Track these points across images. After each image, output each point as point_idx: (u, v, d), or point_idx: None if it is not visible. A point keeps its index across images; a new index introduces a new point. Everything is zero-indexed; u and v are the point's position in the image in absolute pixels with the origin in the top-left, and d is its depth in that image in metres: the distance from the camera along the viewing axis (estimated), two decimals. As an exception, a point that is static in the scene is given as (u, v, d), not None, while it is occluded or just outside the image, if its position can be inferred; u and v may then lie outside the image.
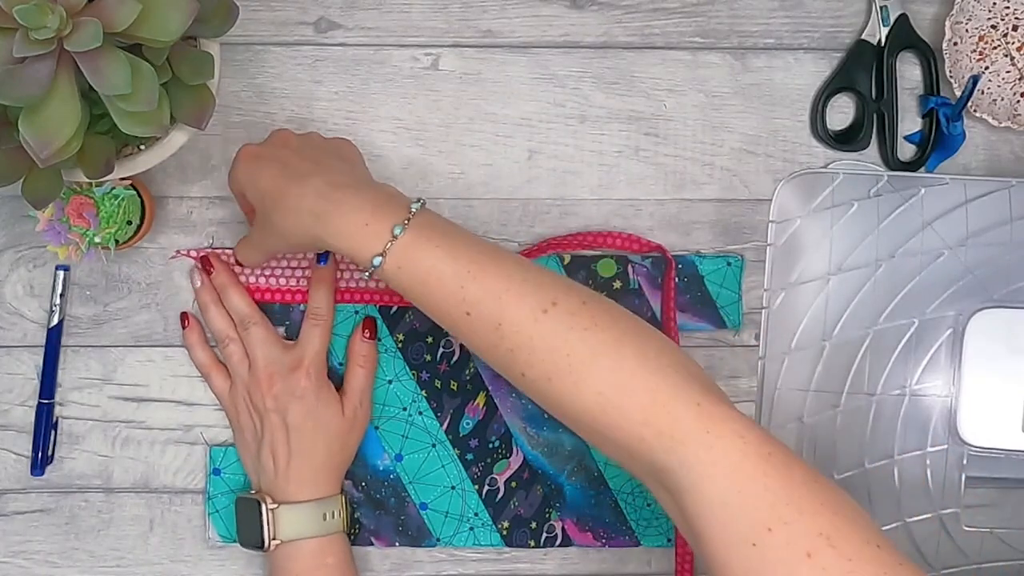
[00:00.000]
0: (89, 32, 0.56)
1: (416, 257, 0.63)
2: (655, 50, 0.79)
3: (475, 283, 0.62)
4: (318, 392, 0.73)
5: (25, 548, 0.78)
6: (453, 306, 0.63)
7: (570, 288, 0.63)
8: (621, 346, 0.60)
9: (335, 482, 0.74)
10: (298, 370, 0.73)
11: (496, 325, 0.62)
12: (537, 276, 0.63)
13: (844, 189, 0.78)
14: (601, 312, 0.62)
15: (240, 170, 0.69)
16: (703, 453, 0.57)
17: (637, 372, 0.60)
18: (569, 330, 0.61)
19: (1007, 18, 0.79)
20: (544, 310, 0.61)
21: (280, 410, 0.72)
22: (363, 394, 0.75)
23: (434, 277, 0.63)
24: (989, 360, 0.77)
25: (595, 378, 0.60)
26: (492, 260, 0.63)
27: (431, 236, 0.63)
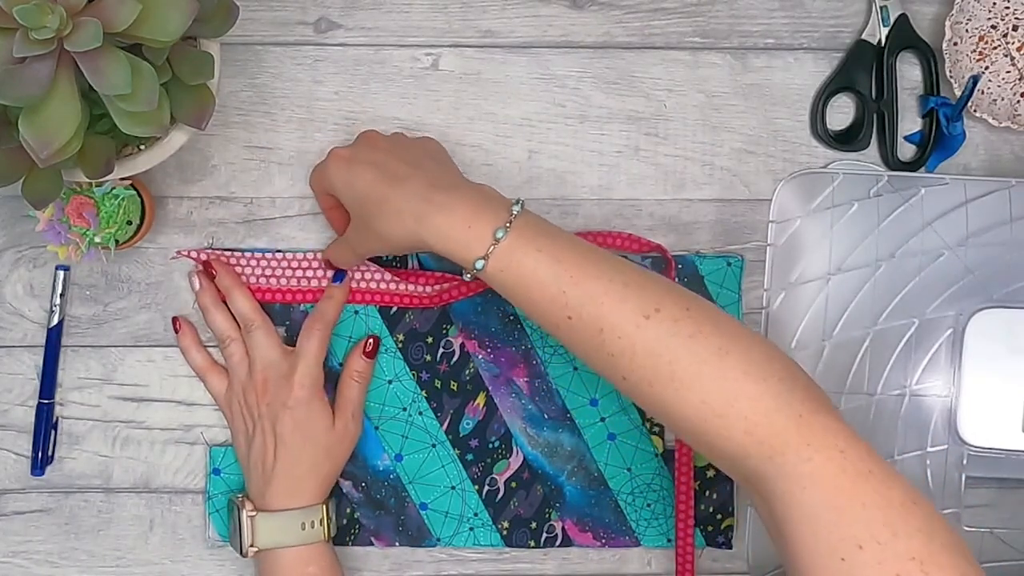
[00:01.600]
0: (89, 32, 0.56)
1: (518, 260, 0.63)
2: (655, 50, 0.79)
3: (576, 287, 0.62)
4: (309, 403, 0.73)
5: (25, 548, 0.78)
6: (554, 310, 0.63)
7: (673, 292, 0.62)
8: (725, 354, 0.60)
9: (319, 492, 0.74)
10: (292, 379, 0.73)
11: (598, 330, 0.61)
12: (640, 280, 0.62)
13: (844, 189, 0.78)
14: (705, 318, 0.61)
15: (332, 175, 0.69)
16: (801, 465, 0.57)
17: (741, 381, 0.59)
18: (672, 336, 0.60)
19: (1007, 18, 0.79)
20: (646, 316, 0.61)
21: (271, 418, 0.72)
22: (355, 408, 0.75)
23: (535, 281, 0.62)
24: (989, 360, 0.77)
25: (698, 386, 0.59)
26: (594, 263, 0.63)
27: (533, 238, 0.63)
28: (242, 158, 0.77)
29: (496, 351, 0.78)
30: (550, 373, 0.78)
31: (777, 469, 0.57)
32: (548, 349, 0.78)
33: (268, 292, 0.76)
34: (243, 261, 0.76)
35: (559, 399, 0.78)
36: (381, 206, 0.65)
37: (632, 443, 0.78)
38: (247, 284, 0.76)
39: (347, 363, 0.76)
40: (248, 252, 0.77)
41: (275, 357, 0.73)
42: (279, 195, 0.78)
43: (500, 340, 0.78)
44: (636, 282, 0.62)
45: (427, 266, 0.77)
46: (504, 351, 0.78)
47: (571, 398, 0.78)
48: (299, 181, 0.77)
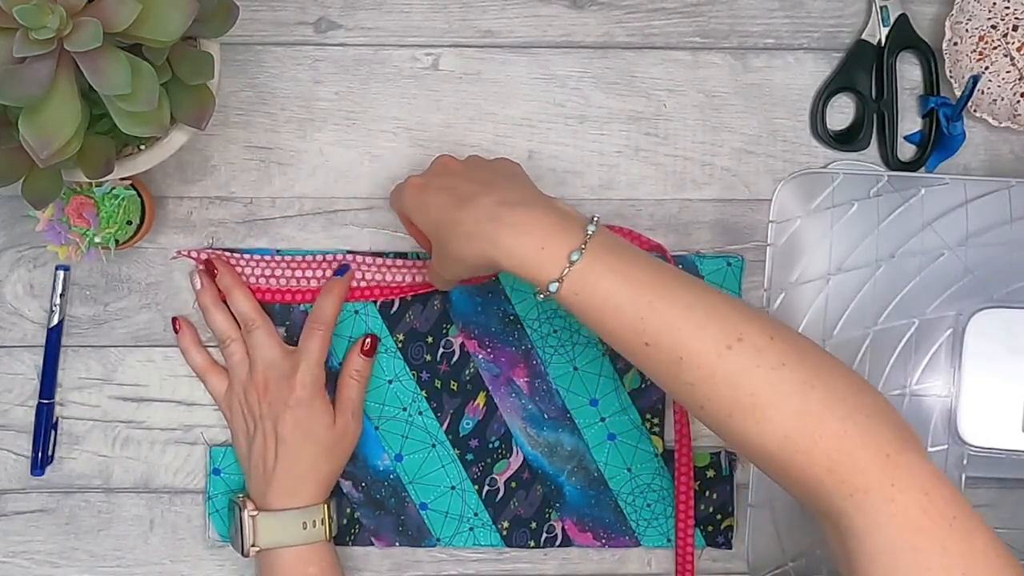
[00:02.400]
0: (89, 32, 0.56)
1: (593, 284, 0.60)
2: (655, 50, 0.79)
3: (655, 314, 0.59)
4: (311, 403, 0.73)
5: (25, 548, 0.78)
6: (631, 336, 0.60)
7: (756, 321, 0.60)
8: (810, 388, 0.57)
9: (320, 492, 0.74)
10: (293, 378, 0.73)
11: (677, 359, 0.59)
12: (722, 306, 0.60)
13: (844, 189, 0.78)
14: (790, 348, 0.59)
15: (409, 203, 0.68)
16: (883, 505, 0.55)
17: (825, 417, 0.57)
18: (755, 368, 0.58)
19: (1007, 18, 0.79)
20: (728, 346, 0.58)
21: (272, 417, 0.72)
22: (355, 407, 0.75)
23: (611, 306, 0.60)
24: (989, 360, 0.77)
25: (780, 420, 0.57)
26: (673, 288, 0.60)
27: (609, 261, 0.60)
28: (242, 158, 0.77)
29: (496, 351, 0.78)
30: (550, 373, 0.78)
31: (856, 506, 0.56)
32: (548, 349, 0.78)
33: (268, 292, 0.76)
34: (243, 262, 0.76)
35: (559, 399, 0.78)
36: (454, 229, 0.64)
37: (632, 443, 0.78)
38: (247, 284, 0.76)
39: (345, 362, 0.76)
40: (248, 253, 0.77)
41: (276, 357, 0.73)
42: (279, 195, 0.78)
43: (500, 340, 0.78)
44: (718, 309, 0.60)
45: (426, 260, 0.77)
46: (504, 351, 0.78)
47: (571, 398, 0.78)
48: (299, 181, 0.78)
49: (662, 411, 0.78)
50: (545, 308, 0.77)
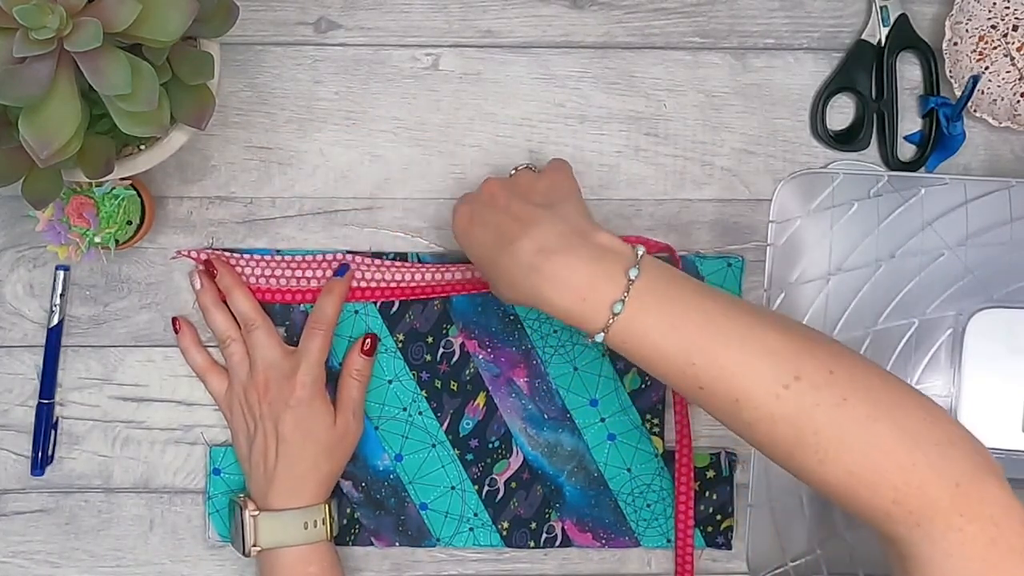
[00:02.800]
0: (89, 32, 0.56)
1: (640, 334, 0.59)
2: (655, 50, 0.79)
3: (705, 358, 0.58)
4: (311, 402, 0.73)
5: (25, 548, 0.78)
6: (684, 380, 0.59)
7: (815, 352, 0.58)
8: (875, 422, 0.56)
9: (321, 492, 0.74)
10: (294, 378, 0.73)
11: (733, 401, 0.58)
12: (777, 341, 0.58)
13: (844, 189, 0.78)
14: (851, 381, 0.57)
15: (456, 233, 0.67)
16: (951, 534, 0.54)
17: (892, 451, 0.56)
18: (815, 407, 0.56)
19: (1007, 18, 0.79)
20: (786, 385, 0.57)
21: (273, 417, 0.72)
22: (356, 406, 0.75)
23: (659, 354, 0.59)
24: (989, 360, 0.77)
25: (845, 457, 0.56)
26: (724, 329, 0.58)
27: (653, 308, 0.59)
28: (242, 158, 0.77)
29: (496, 351, 0.78)
30: (550, 373, 0.78)
31: (923, 535, 0.55)
32: (548, 349, 0.78)
33: (268, 292, 0.76)
34: (243, 262, 0.76)
35: (559, 399, 0.78)
36: (497, 273, 0.63)
37: (632, 443, 0.78)
38: (247, 284, 0.76)
39: (346, 362, 0.76)
40: (248, 253, 0.77)
41: (276, 357, 0.73)
42: (279, 195, 0.78)
43: (500, 340, 0.78)
44: (772, 346, 0.58)
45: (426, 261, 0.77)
46: (504, 351, 0.78)
47: (571, 398, 0.78)
48: (299, 181, 0.78)
49: (662, 412, 0.78)
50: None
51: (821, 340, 0.60)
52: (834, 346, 0.59)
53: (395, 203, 0.78)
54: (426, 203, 0.78)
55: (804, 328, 0.61)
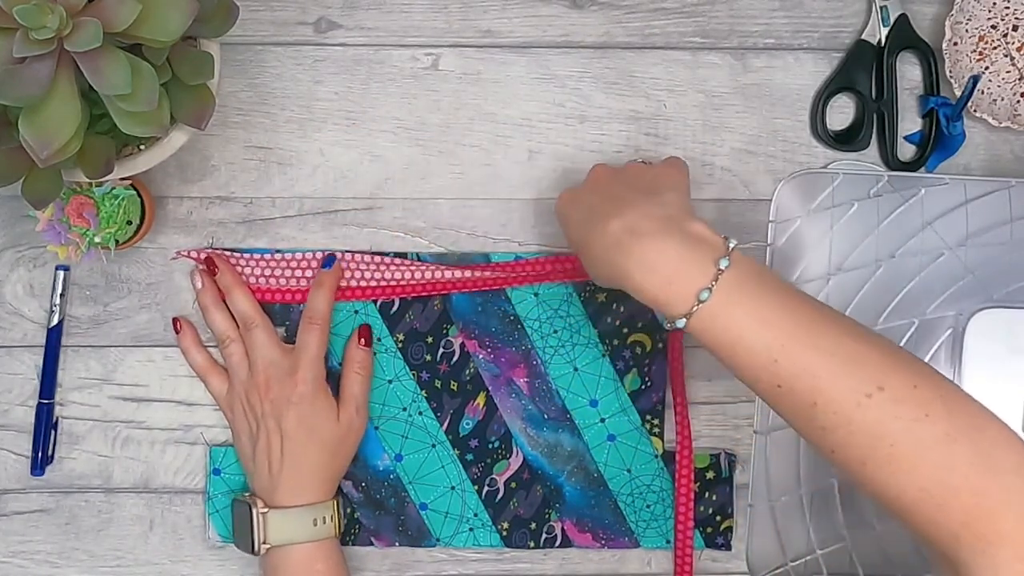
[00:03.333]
0: (89, 32, 0.56)
1: (724, 324, 0.58)
2: (655, 50, 0.79)
3: (788, 358, 0.57)
4: (314, 399, 0.73)
5: (25, 548, 0.78)
6: (762, 377, 0.59)
7: (899, 366, 0.57)
8: (953, 442, 0.55)
9: (328, 488, 0.74)
10: (295, 375, 0.73)
11: (811, 404, 0.57)
12: (862, 350, 0.58)
13: (844, 189, 0.78)
14: (934, 398, 0.56)
15: (557, 213, 0.69)
16: (1018, 564, 0.54)
17: (967, 473, 0.55)
18: (895, 419, 0.56)
19: (1007, 18, 0.79)
20: (868, 394, 0.56)
21: (276, 415, 0.72)
22: (359, 401, 0.75)
23: (742, 347, 0.58)
24: (989, 360, 0.76)
25: (919, 473, 0.56)
26: (809, 331, 0.58)
27: (741, 300, 0.58)
28: (242, 158, 0.77)
29: (496, 351, 0.78)
30: (550, 373, 0.78)
31: (988, 560, 0.54)
32: (548, 350, 0.78)
33: (268, 292, 0.76)
34: (242, 261, 0.76)
35: (559, 399, 0.78)
36: (585, 250, 0.64)
37: (632, 444, 0.78)
38: (247, 284, 0.76)
39: (346, 357, 0.76)
40: (247, 253, 0.77)
41: (275, 355, 0.73)
42: (279, 195, 0.78)
43: (500, 340, 0.78)
44: (857, 354, 0.57)
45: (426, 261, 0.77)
46: (504, 351, 0.78)
47: (571, 399, 0.78)
48: (299, 181, 0.78)
49: (662, 412, 0.78)
50: (545, 308, 0.77)
51: (906, 355, 0.59)
52: (918, 363, 0.59)
53: (395, 203, 0.78)
54: (426, 203, 0.78)
55: (890, 342, 0.60)
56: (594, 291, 0.77)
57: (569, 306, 0.77)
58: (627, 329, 0.78)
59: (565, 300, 0.77)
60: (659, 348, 0.78)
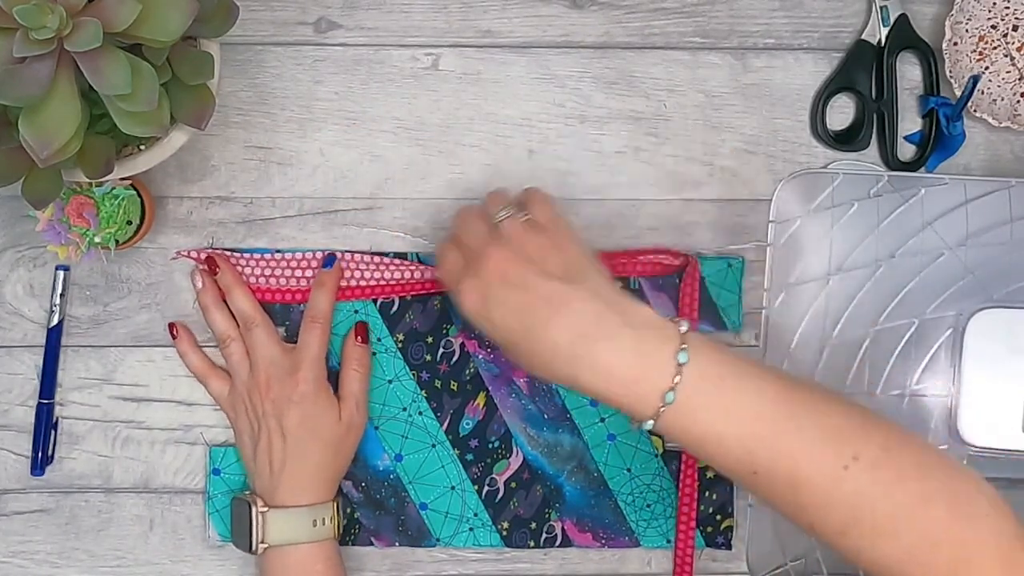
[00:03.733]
0: (89, 32, 0.56)
1: (691, 421, 0.58)
2: (655, 50, 0.79)
3: (761, 445, 0.57)
4: (315, 397, 0.73)
5: (25, 548, 0.78)
6: (737, 468, 0.58)
7: (868, 430, 0.58)
8: (930, 500, 0.57)
9: (329, 488, 0.74)
10: (296, 374, 0.73)
11: (791, 486, 0.57)
12: (832, 423, 0.58)
13: (844, 189, 0.78)
14: (906, 457, 0.57)
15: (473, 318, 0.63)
16: None
17: (948, 527, 0.56)
18: (872, 485, 0.56)
19: (1007, 18, 0.79)
20: (844, 467, 0.56)
21: (277, 414, 0.72)
22: (359, 398, 0.75)
23: (712, 441, 0.58)
24: (989, 360, 0.76)
25: (901, 534, 0.56)
26: (780, 413, 0.57)
27: (707, 395, 0.57)
28: (242, 158, 0.77)
29: (496, 351, 0.78)
30: (550, 373, 0.78)
31: None
32: (548, 349, 0.78)
33: (268, 292, 0.76)
34: (243, 261, 0.76)
35: (559, 399, 0.78)
36: (529, 357, 0.61)
37: (632, 444, 0.78)
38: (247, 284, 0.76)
39: (344, 354, 0.76)
40: (248, 253, 0.77)
41: (276, 354, 0.73)
42: (279, 195, 0.78)
43: (500, 340, 0.78)
44: (830, 427, 0.57)
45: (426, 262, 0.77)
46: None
47: (571, 398, 0.78)
48: (299, 181, 0.78)
49: (662, 411, 0.78)
50: (545, 308, 0.77)
51: (870, 416, 0.59)
52: (884, 423, 0.59)
53: (395, 203, 0.78)
54: (426, 203, 0.78)
55: (853, 404, 0.60)
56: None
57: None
58: (627, 329, 0.78)
59: (565, 300, 0.77)
60: (659, 348, 0.78)
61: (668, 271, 0.77)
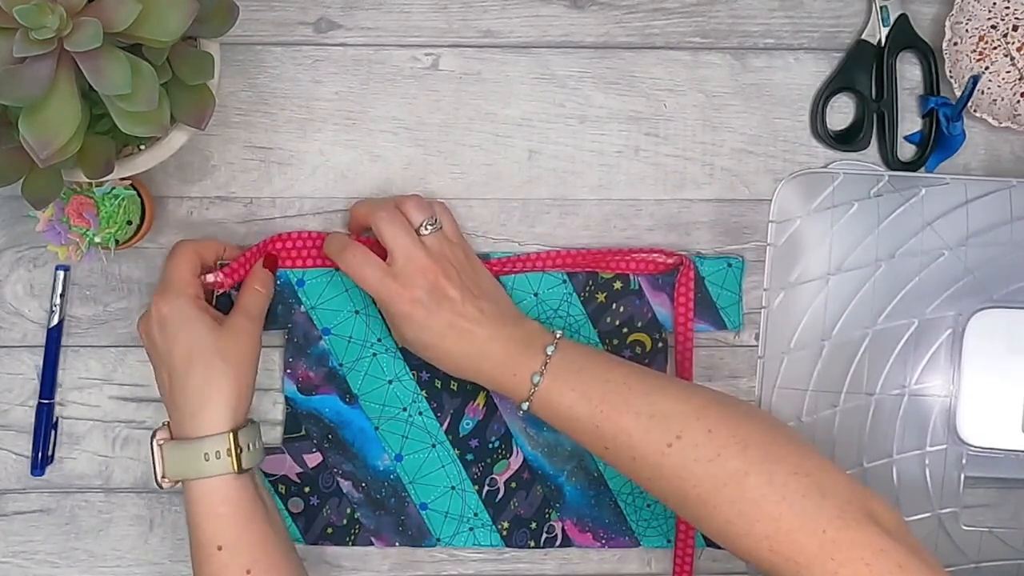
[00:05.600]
0: (89, 32, 0.56)
1: (556, 401, 0.68)
2: (655, 50, 0.79)
3: (608, 422, 0.66)
4: (183, 315, 0.68)
5: (25, 548, 0.78)
6: (592, 441, 0.67)
7: (700, 415, 0.65)
8: (744, 476, 0.62)
9: (223, 416, 0.66)
10: (161, 293, 0.69)
11: (631, 458, 0.66)
12: (666, 407, 0.66)
13: (844, 189, 0.78)
14: (727, 437, 0.64)
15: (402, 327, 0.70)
16: None
17: (760, 502, 0.61)
18: (694, 462, 0.63)
19: (1007, 18, 0.79)
20: (669, 444, 0.64)
21: (159, 342, 0.68)
22: (254, 312, 0.71)
23: (572, 419, 0.67)
24: (989, 360, 0.77)
25: (721, 508, 0.62)
26: (622, 397, 0.66)
27: (567, 379, 0.68)
28: (242, 158, 0.77)
29: (496, 351, 0.78)
30: (550, 373, 0.78)
31: None
32: (548, 349, 0.78)
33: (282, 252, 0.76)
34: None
35: (559, 399, 0.78)
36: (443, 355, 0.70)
37: (632, 443, 0.78)
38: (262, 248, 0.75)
39: (249, 275, 0.73)
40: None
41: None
42: (279, 195, 0.78)
43: (500, 340, 0.78)
44: (662, 411, 0.65)
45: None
46: (504, 351, 0.78)
47: (571, 398, 0.78)
48: (299, 181, 0.78)
49: (662, 411, 0.78)
50: (545, 308, 0.77)
51: (713, 403, 0.66)
52: (726, 409, 0.66)
53: (395, 203, 0.78)
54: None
55: (700, 392, 0.68)
56: (594, 291, 0.77)
57: (569, 306, 0.77)
58: (627, 329, 0.78)
59: (565, 300, 0.77)
60: (658, 348, 0.78)
61: (661, 269, 0.77)
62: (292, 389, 0.77)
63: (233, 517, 0.66)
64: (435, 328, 0.69)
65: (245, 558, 0.65)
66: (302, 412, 0.77)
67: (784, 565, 0.60)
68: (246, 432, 0.68)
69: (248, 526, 0.66)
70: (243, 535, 0.66)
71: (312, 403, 0.77)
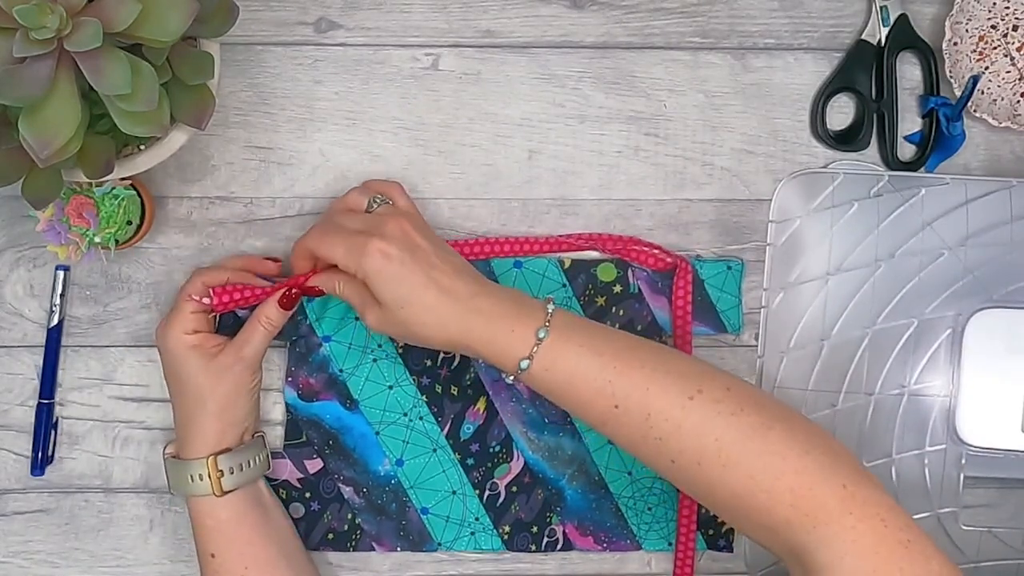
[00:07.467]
0: (89, 32, 0.56)
1: (562, 357, 0.65)
2: (655, 50, 0.79)
3: (621, 377, 0.64)
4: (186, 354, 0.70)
5: (25, 548, 0.78)
6: (601, 400, 0.65)
7: (714, 375, 0.65)
8: (769, 429, 0.62)
9: (205, 442, 0.70)
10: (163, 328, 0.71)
11: (645, 416, 0.64)
12: (680, 366, 0.65)
13: (844, 189, 0.78)
14: (746, 396, 0.64)
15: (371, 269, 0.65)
16: (844, 533, 0.59)
17: (786, 455, 0.61)
18: (717, 415, 0.62)
19: (1007, 18, 0.79)
20: (690, 397, 0.63)
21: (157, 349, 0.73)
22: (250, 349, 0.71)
23: (579, 375, 0.65)
24: (988, 360, 0.77)
25: (745, 462, 0.61)
26: (634, 354, 0.65)
27: (572, 335, 0.65)
28: (242, 158, 0.77)
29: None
30: (550, 373, 0.78)
31: (819, 539, 0.59)
32: (548, 349, 0.78)
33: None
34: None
35: (559, 399, 0.78)
36: (427, 313, 0.65)
37: (632, 443, 0.78)
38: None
39: (260, 308, 0.72)
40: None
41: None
42: (279, 195, 0.77)
43: (500, 340, 0.77)
44: (677, 368, 0.65)
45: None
46: (504, 351, 0.77)
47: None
48: (299, 181, 0.78)
49: (662, 411, 0.78)
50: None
51: (718, 369, 0.66)
52: (730, 374, 0.66)
53: (395, 203, 0.78)
54: (426, 203, 0.78)
55: (703, 361, 0.68)
56: (593, 295, 0.77)
57: (568, 309, 0.77)
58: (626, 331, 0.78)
59: (564, 303, 0.77)
60: (659, 348, 0.78)
61: (658, 266, 0.77)
62: (293, 396, 0.77)
63: (217, 530, 0.71)
64: (413, 280, 0.65)
65: (237, 565, 0.71)
66: (303, 419, 0.77)
67: (801, 521, 0.60)
68: (230, 456, 0.71)
69: (235, 537, 0.71)
70: (232, 545, 0.71)
71: (313, 409, 0.77)
